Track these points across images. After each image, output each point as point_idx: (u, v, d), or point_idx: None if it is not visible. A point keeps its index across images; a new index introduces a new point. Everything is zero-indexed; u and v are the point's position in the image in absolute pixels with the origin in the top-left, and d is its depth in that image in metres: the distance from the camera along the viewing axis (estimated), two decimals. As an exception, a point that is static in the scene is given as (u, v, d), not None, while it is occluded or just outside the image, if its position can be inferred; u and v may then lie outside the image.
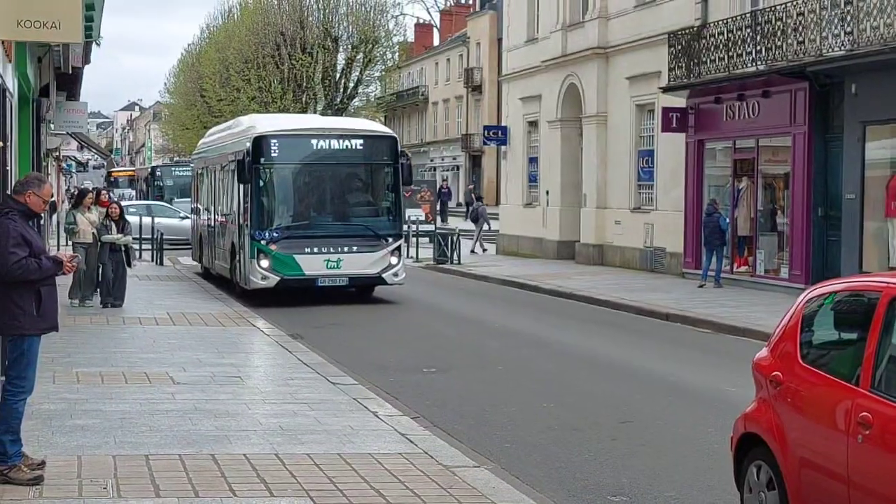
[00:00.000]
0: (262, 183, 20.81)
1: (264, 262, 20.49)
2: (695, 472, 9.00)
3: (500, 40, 44.13)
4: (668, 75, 25.77)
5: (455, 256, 31.03)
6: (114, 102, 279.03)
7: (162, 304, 19.73)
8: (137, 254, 28.38)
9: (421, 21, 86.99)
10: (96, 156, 72.40)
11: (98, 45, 19.97)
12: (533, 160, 35.30)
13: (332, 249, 20.73)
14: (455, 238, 31.52)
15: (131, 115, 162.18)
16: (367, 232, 21.19)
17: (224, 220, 23.77)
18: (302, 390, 11.76)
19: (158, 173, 53.45)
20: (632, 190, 29.23)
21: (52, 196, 10.30)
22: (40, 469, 7.93)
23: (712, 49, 24.03)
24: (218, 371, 12.81)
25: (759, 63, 22.51)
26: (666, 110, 26.02)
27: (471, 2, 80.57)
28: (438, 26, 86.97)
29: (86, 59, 21.35)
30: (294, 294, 21.04)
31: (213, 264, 25.40)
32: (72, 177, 67.85)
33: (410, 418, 10.56)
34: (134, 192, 61.77)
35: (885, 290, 6.17)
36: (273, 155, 20.81)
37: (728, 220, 23.62)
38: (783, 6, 21.72)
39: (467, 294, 24.21)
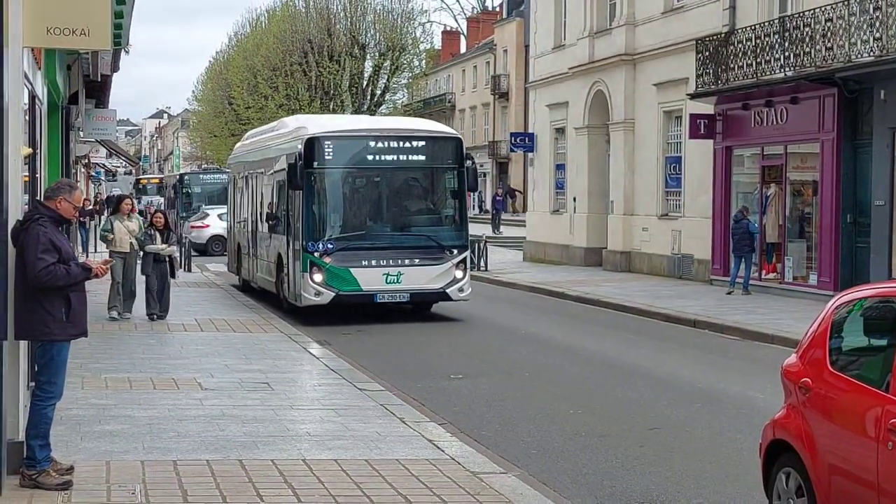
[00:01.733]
0: (314, 189, 19.11)
1: (318, 277, 18.85)
2: (723, 479, 8.96)
3: (527, 47, 44.10)
4: (696, 82, 25.69)
5: (482, 263, 31.03)
6: (142, 110, 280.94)
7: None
8: (181, 265, 27.78)
9: (448, 28, 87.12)
10: (125, 163, 72.86)
11: (127, 52, 20.14)
12: (560, 167, 35.26)
13: (391, 262, 19.16)
14: (482, 245, 31.51)
15: (159, 123, 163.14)
16: (429, 243, 19.61)
17: (269, 229, 22.05)
18: (329, 396, 11.78)
19: (186, 180, 53.60)
20: (659, 196, 29.14)
21: (87, 203, 10.35)
22: (69, 474, 7.98)
23: (740, 55, 23.94)
24: (245, 377, 12.85)
25: (787, 69, 22.41)
26: (693, 117, 25.93)
27: (498, 9, 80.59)
28: (465, 33, 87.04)
29: (115, 67, 21.51)
30: (345, 310, 19.57)
31: (255, 277, 23.63)
32: (100, 184, 68.30)
33: (437, 424, 10.56)
34: (162, 200, 62.04)
35: (916, 296, 6.13)
36: (327, 158, 19.14)
37: (757, 226, 23.52)
38: (811, 12, 21.62)
39: (494, 301, 24.20)
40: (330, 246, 19.04)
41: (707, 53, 25.21)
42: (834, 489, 6.35)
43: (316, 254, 18.94)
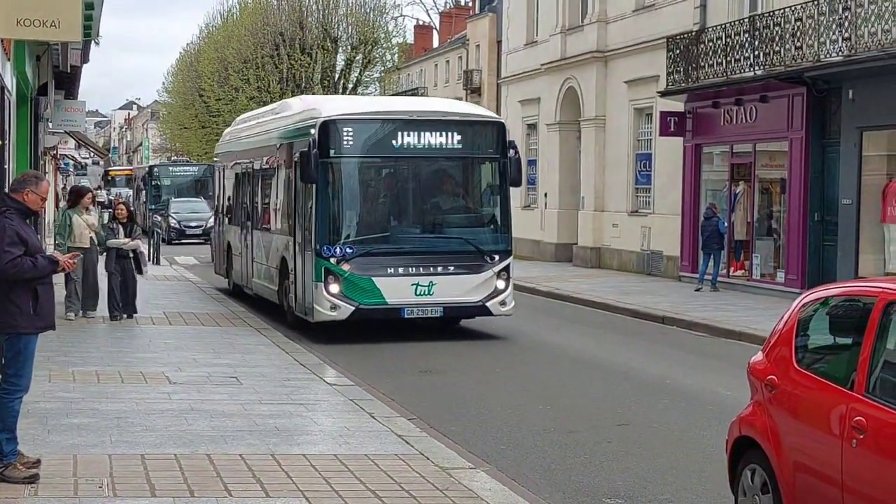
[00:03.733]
0: (330, 182, 16.12)
1: (334, 287, 15.92)
2: (690, 475, 9.02)
3: (499, 43, 44.17)
4: (667, 79, 25.80)
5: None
6: (112, 101, 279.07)
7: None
8: (150, 259, 26.17)
9: (420, 23, 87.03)
10: (93, 154, 72.36)
11: (97, 44, 19.99)
12: (531, 163, 35.36)
13: (422, 270, 16.25)
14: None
15: (129, 115, 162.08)
16: (466, 247, 16.61)
17: (269, 228, 19.44)
18: (298, 391, 11.77)
19: (156, 172, 53.41)
20: (629, 193, 29.27)
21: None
22: (36, 467, 7.94)
23: (710, 54, 24.07)
24: (214, 371, 12.81)
25: (756, 68, 22.54)
26: (664, 114, 26.05)
27: (470, 4, 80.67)
28: (438, 28, 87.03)
29: (84, 58, 21.36)
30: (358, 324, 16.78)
31: (251, 283, 20.78)
32: (68, 176, 67.83)
33: (407, 419, 10.57)
34: (131, 192, 61.74)
35: (881, 296, 6.19)
36: (346, 146, 16.15)
37: (726, 223, 23.67)
38: (781, 12, 21.76)
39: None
40: (349, 250, 16.05)
41: (678, 51, 25.33)
42: (799, 486, 6.41)
43: (332, 259, 15.96)
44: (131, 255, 17.58)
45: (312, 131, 16.20)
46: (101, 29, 17.47)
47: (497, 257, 16.69)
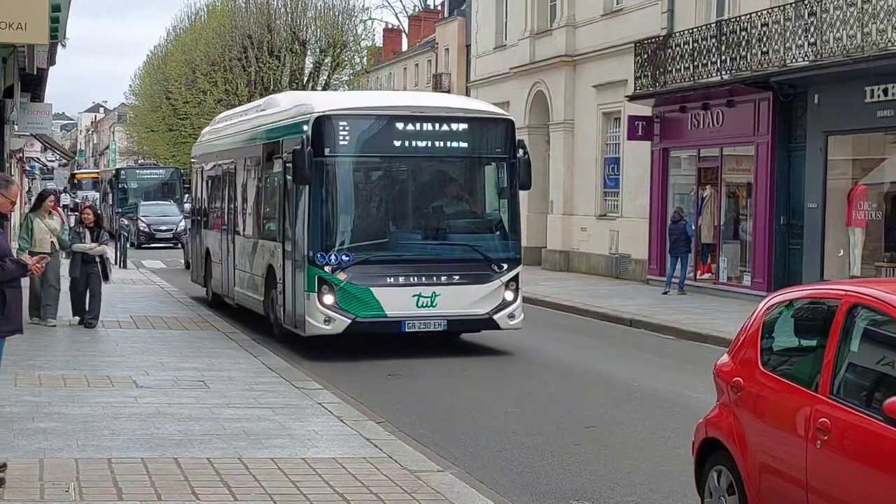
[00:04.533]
0: (325, 184, 14.87)
1: (328, 298, 14.71)
2: (656, 477, 9.07)
3: (468, 47, 44.21)
4: (634, 84, 25.93)
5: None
6: (78, 104, 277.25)
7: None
8: (117, 262, 26.07)
9: (390, 26, 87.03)
10: (60, 157, 71.90)
11: (64, 46, 19.83)
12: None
13: (424, 280, 15.07)
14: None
15: (96, 117, 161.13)
16: (472, 255, 15.40)
17: (254, 233, 18.09)
18: (266, 395, 11.74)
19: (123, 175, 53.12)
20: (598, 197, 29.39)
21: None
22: (2, 472, 7.87)
23: (678, 58, 24.21)
24: (181, 375, 12.76)
25: (723, 73, 22.70)
26: (632, 118, 26.17)
27: (440, 7, 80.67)
28: (407, 32, 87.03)
29: (51, 61, 21.21)
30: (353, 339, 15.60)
31: (232, 292, 19.29)
32: (34, 179, 67.36)
33: (375, 423, 10.57)
34: (98, 195, 61.37)
35: (845, 298, 6.26)
36: (342, 143, 14.90)
37: (693, 227, 23.81)
38: (748, 17, 21.92)
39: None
40: (345, 258, 14.81)
41: (645, 56, 25.46)
42: (764, 487, 6.46)
43: (327, 268, 14.74)
44: (98, 260, 17.01)
45: (305, 128, 14.96)
46: (67, 31, 17.36)
47: (505, 266, 15.51)
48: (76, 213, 20.30)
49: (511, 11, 34.93)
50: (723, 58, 22.68)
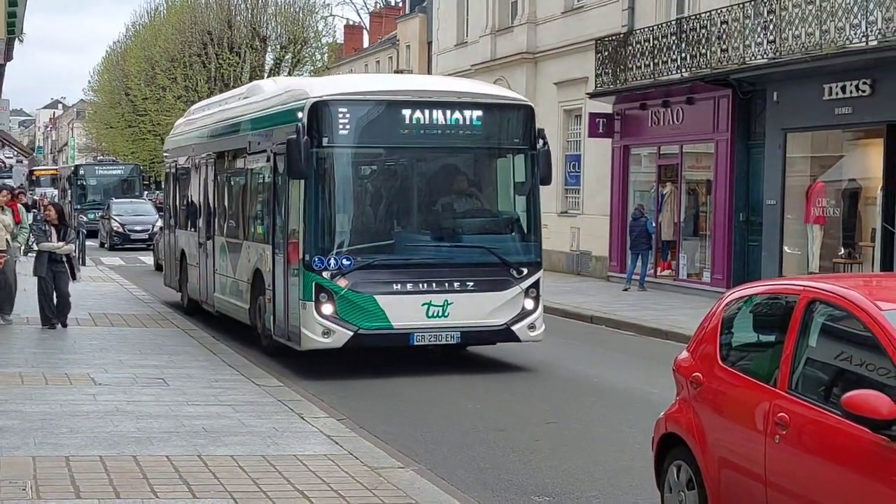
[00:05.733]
0: (323, 178, 13.30)
1: (327, 307, 13.16)
2: (617, 472, 9.10)
3: (429, 43, 44.20)
4: (595, 81, 26.01)
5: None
6: (36, 100, 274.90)
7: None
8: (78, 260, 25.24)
9: (351, 23, 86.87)
10: (17, 154, 71.23)
11: (21, 41, 19.64)
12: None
13: (435, 286, 13.51)
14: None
15: (54, 114, 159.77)
16: (488, 258, 13.85)
17: (238, 234, 16.58)
18: (226, 392, 11.67)
19: (82, 172, 52.66)
20: (559, 194, 29.45)
21: None
22: (-43, 471, 7.79)
23: (638, 56, 24.31)
24: (140, 373, 12.67)
25: (683, 70, 22.81)
26: (593, 116, 26.26)
27: (401, 4, 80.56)
28: (368, 28, 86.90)
29: (8, 56, 21.00)
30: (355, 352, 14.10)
31: (212, 298, 17.68)
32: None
33: (336, 420, 10.54)
34: (56, 192, 60.85)
35: (803, 294, 6.29)
36: (342, 133, 13.30)
37: (654, 224, 23.92)
38: (708, 14, 22.04)
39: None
40: (346, 262, 13.24)
41: (606, 53, 25.55)
42: (723, 481, 6.49)
43: (325, 273, 13.16)
44: (64, 259, 16.42)
45: (300, 115, 13.36)
46: (24, 26, 17.19)
47: (525, 270, 13.92)
48: (34, 211, 19.86)
49: (472, 8, 34.95)
50: (683, 55, 22.80)
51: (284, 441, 9.43)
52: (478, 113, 13.85)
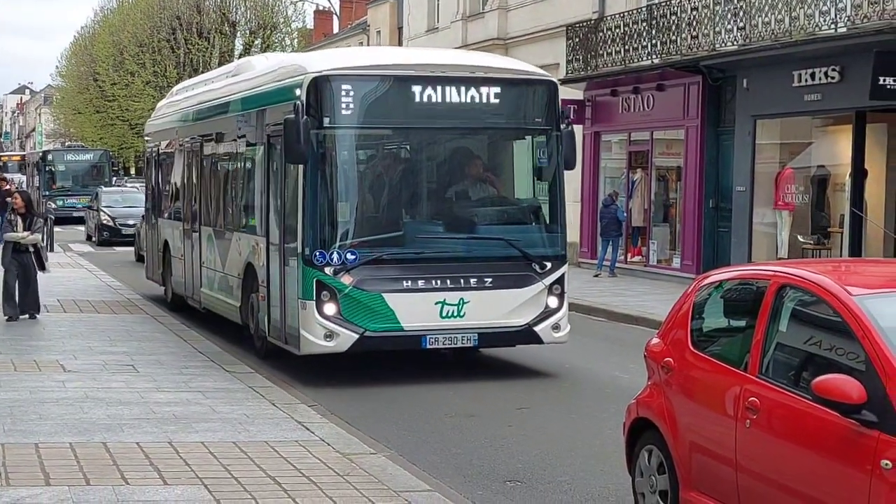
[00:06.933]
0: (324, 162, 11.94)
1: (330, 307, 11.83)
2: (588, 457, 9.13)
3: (400, 29, 44.09)
4: (566, 67, 26.01)
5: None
6: (3, 85, 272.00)
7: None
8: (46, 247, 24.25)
9: (321, 8, 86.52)
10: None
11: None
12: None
13: (449, 283, 12.17)
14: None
15: (21, 99, 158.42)
16: (508, 252, 12.49)
17: (227, 224, 15.28)
18: (197, 378, 11.63)
19: (50, 157, 52.23)
20: (529, 180, 29.46)
21: None
22: (-75, 458, 7.72)
23: (609, 42, 24.33)
24: (110, 359, 12.60)
25: (654, 57, 22.86)
26: (564, 102, 25.93)
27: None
28: (338, 13, 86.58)
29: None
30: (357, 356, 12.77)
31: (199, 293, 16.37)
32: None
33: (308, 406, 10.52)
34: (24, 178, 60.38)
35: (773, 279, 6.33)
36: (345, 112, 11.95)
37: (625, 211, 23.99)
38: (678, 1, 22.08)
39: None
40: (350, 256, 11.88)
41: (577, 40, 25.56)
42: (694, 466, 6.53)
43: (327, 269, 11.82)
44: (31, 249, 15.72)
45: (298, 92, 12.03)
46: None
47: (548, 265, 12.57)
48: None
49: (443, -6, 34.90)
50: (653, 42, 22.84)
51: (255, 427, 9.40)
52: (496, 89, 12.48)
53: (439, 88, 12.23)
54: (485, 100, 12.39)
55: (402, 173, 12.81)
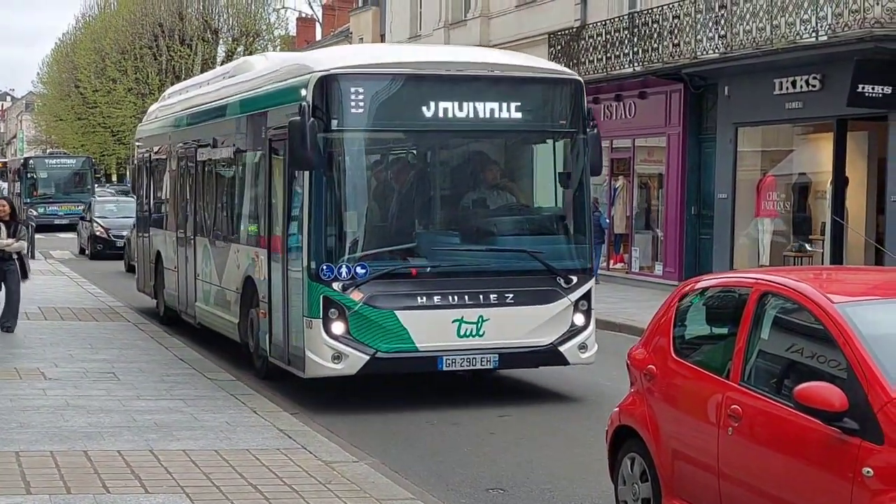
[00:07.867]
0: (332, 169, 10.98)
1: (338, 326, 10.87)
2: (570, 465, 9.13)
3: (382, 37, 44.09)
4: (548, 74, 26.03)
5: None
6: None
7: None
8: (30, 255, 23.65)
9: (303, 15, 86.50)
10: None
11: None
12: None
13: (467, 300, 11.21)
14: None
15: (3, 106, 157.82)
16: (531, 265, 11.58)
17: (224, 235, 14.34)
18: (178, 386, 11.58)
19: (31, 164, 52.00)
20: (512, 187, 29.49)
21: None
22: None
23: (591, 50, 24.40)
24: (91, 367, 12.54)
25: (636, 64, 22.91)
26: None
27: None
28: (321, 21, 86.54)
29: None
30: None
31: (193, 308, 15.49)
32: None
33: (290, 414, 10.49)
34: (5, 185, 60.12)
35: (755, 286, 6.34)
36: (355, 114, 11.01)
37: (607, 218, 24.04)
38: (660, 9, 22.16)
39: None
40: (360, 270, 10.93)
41: (559, 47, 25.62)
42: (677, 473, 6.53)
43: (335, 284, 10.87)
44: (14, 257, 15.35)
45: (304, 92, 11.10)
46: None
47: (574, 279, 11.61)
48: None
49: (426, 1, 34.92)
50: (635, 49, 22.91)
51: (237, 435, 9.37)
52: (517, 89, 11.59)
53: (456, 88, 11.34)
54: (505, 100, 11.45)
55: (415, 180, 11.89)
